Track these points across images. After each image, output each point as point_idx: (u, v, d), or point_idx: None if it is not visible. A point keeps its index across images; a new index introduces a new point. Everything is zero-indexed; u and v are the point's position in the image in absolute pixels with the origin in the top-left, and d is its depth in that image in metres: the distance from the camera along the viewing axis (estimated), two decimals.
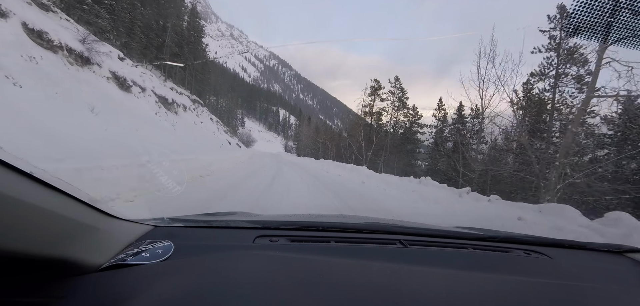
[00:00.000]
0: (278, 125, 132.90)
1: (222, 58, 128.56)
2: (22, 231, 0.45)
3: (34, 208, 0.47)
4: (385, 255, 0.90)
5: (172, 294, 0.53)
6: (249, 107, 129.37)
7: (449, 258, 0.93)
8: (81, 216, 0.59)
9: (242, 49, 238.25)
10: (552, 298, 0.67)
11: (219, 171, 8.61)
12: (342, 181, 9.63)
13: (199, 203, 3.95)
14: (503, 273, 0.83)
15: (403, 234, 1.03)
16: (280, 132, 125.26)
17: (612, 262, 1.03)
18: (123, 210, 0.82)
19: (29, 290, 0.51)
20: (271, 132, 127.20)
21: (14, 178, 0.44)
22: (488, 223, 3.51)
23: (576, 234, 3.77)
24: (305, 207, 4.72)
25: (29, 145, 4.04)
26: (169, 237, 0.81)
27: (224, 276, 0.62)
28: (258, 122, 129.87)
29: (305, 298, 0.54)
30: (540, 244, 1.09)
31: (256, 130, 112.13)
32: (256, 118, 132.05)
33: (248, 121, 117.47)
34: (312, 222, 1.10)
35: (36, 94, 7.68)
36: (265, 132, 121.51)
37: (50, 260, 0.51)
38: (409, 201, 6.19)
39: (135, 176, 4.29)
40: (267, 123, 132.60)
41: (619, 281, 0.91)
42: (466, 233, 1.14)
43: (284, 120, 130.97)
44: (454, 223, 1.46)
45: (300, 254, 0.82)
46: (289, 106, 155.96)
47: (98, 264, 0.61)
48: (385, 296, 0.57)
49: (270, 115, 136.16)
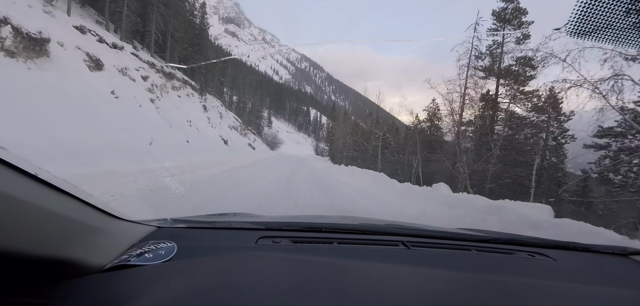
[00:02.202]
0: (308, 125, 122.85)
1: (243, 57, 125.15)
2: (26, 231, 0.45)
3: (38, 209, 0.47)
4: (388, 256, 0.90)
5: (175, 295, 0.52)
6: (278, 107, 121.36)
7: (452, 259, 0.92)
8: (85, 217, 0.59)
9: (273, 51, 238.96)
10: (557, 301, 0.65)
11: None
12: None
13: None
14: (507, 275, 0.83)
15: (406, 236, 1.02)
16: (310, 133, 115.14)
17: (617, 264, 1.03)
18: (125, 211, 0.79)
19: (33, 290, 0.51)
20: (301, 133, 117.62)
21: (18, 179, 0.44)
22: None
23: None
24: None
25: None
26: (172, 238, 0.81)
27: (227, 278, 0.61)
28: (287, 123, 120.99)
29: (308, 300, 0.54)
30: (544, 247, 1.08)
31: (284, 131, 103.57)
32: (285, 118, 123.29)
33: (276, 121, 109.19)
34: (315, 223, 1.11)
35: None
36: (294, 133, 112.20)
37: (54, 261, 0.51)
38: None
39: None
40: (296, 123, 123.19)
41: (624, 284, 0.90)
42: (469, 235, 1.13)
43: (315, 120, 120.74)
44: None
45: (303, 255, 0.83)
46: (320, 105, 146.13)
47: (101, 265, 0.61)
48: (388, 298, 0.56)
49: (300, 115, 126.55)
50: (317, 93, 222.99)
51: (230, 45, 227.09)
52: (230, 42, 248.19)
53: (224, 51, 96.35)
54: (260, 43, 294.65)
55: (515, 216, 4.05)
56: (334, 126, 35.08)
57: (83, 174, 3.66)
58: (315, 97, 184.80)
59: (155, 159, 7.17)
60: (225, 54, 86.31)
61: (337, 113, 42.86)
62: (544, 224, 3.63)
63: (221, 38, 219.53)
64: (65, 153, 5.08)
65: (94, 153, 5.52)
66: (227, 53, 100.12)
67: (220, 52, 67.09)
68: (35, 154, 3.87)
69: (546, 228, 3.48)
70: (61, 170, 3.19)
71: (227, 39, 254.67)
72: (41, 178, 0.48)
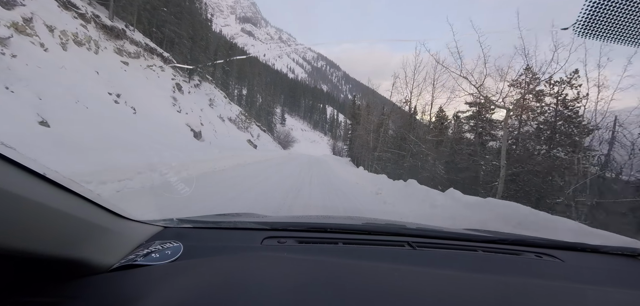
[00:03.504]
0: (324, 123, 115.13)
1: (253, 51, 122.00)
2: (35, 231, 0.45)
3: (46, 209, 0.47)
4: (393, 256, 0.89)
5: (182, 295, 0.52)
6: (293, 104, 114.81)
7: (458, 260, 0.91)
8: (93, 217, 0.59)
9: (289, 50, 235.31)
10: (565, 302, 0.64)
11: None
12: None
13: None
14: (514, 275, 0.81)
15: (411, 236, 1.02)
16: (327, 132, 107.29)
17: (626, 265, 1.01)
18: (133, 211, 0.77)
19: (41, 290, 0.51)
20: (317, 131, 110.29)
21: (27, 179, 0.44)
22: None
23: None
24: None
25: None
26: (178, 238, 0.80)
27: (233, 278, 0.61)
28: (302, 120, 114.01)
29: (313, 300, 0.54)
30: (552, 247, 1.06)
31: (299, 128, 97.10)
32: (300, 116, 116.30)
33: (291, 118, 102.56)
34: (320, 223, 1.10)
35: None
36: (309, 132, 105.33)
37: (62, 260, 0.51)
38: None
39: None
40: (312, 121, 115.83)
41: (634, 285, 0.88)
42: (475, 235, 1.11)
43: (331, 118, 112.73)
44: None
45: (308, 255, 0.82)
46: (336, 103, 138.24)
47: (109, 264, 0.62)
48: (394, 299, 0.55)
49: (315, 112, 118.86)
50: (334, 91, 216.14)
51: (247, 44, 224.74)
52: (247, 41, 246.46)
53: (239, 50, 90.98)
54: (276, 42, 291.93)
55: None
56: (362, 112, 27.45)
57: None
58: (332, 94, 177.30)
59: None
60: (239, 51, 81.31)
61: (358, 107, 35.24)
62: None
63: (237, 37, 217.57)
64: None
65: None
66: (243, 52, 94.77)
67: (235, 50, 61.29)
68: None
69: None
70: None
71: (244, 38, 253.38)
72: (49, 177, 0.48)
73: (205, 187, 5.05)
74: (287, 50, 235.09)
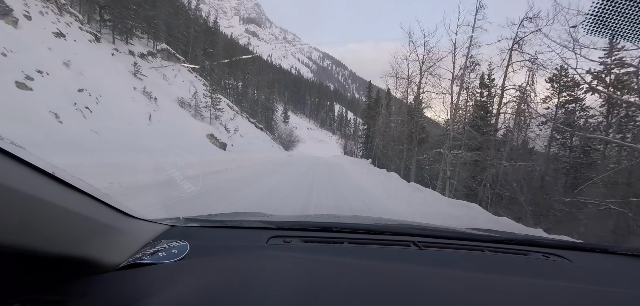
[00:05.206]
0: (332, 122, 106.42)
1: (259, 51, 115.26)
2: (43, 230, 0.46)
3: (55, 207, 0.47)
4: (399, 256, 0.89)
5: (188, 293, 0.53)
6: (297, 101, 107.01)
7: (464, 260, 0.90)
8: (101, 216, 0.60)
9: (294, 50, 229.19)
10: (573, 302, 0.63)
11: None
12: None
13: None
14: (521, 275, 0.80)
15: (417, 236, 1.01)
16: (335, 131, 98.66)
17: (636, 266, 1.00)
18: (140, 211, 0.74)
19: (50, 288, 0.52)
20: (324, 130, 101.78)
21: (36, 178, 0.45)
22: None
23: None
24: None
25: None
26: (184, 237, 0.81)
27: (239, 276, 0.61)
28: (307, 119, 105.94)
29: (319, 299, 0.53)
30: (559, 247, 1.05)
31: (304, 127, 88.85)
32: (305, 114, 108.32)
33: (295, 117, 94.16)
34: (326, 223, 1.10)
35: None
36: (316, 131, 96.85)
37: (70, 259, 0.52)
38: None
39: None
40: (318, 120, 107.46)
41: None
42: (482, 235, 1.11)
43: (340, 116, 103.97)
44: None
45: (313, 255, 0.83)
46: (344, 100, 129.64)
47: (116, 263, 0.62)
48: (400, 298, 0.55)
49: (322, 110, 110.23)
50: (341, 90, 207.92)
51: (250, 45, 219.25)
52: (251, 42, 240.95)
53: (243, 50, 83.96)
54: (281, 42, 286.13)
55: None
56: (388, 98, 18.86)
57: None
58: (340, 91, 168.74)
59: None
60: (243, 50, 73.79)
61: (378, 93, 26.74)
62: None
63: (242, 38, 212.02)
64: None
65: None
66: (247, 52, 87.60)
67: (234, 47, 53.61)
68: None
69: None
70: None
71: (248, 39, 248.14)
72: (58, 176, 0.48)
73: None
74: (292, 50, 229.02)
